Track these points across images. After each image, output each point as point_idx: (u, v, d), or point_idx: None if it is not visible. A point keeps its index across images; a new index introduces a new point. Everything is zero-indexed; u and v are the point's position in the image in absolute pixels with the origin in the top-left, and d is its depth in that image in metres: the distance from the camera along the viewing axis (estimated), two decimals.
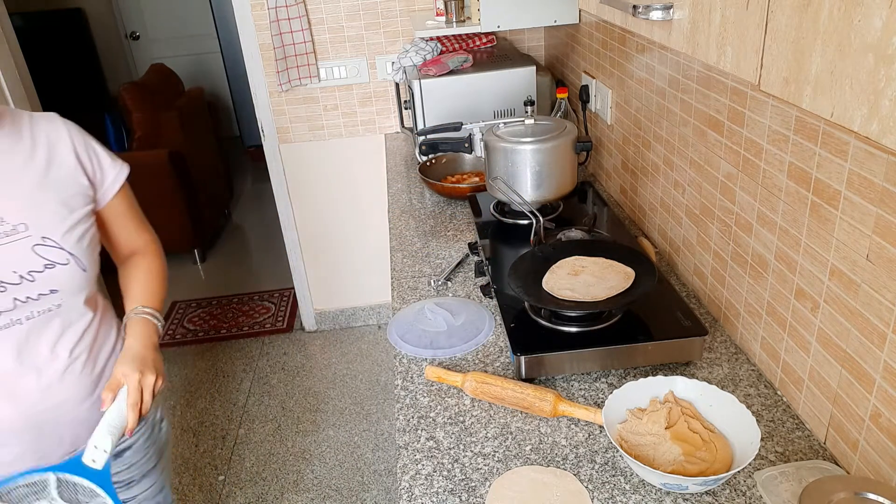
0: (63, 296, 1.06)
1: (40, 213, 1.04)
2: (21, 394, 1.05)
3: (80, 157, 1.11)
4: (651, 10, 0.82)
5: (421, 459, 1.05)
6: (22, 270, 1.01)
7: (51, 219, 1.04)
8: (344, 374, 2.90)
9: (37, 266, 1.02)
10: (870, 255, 0.87)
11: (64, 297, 1.06)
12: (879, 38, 0.45)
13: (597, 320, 1.22)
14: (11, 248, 1.00)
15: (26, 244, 1.02)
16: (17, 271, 1.01)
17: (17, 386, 1.05)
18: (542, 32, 2.74)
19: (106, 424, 1.00)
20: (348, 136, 2.81)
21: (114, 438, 0.99)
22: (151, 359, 1.10)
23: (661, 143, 1.53)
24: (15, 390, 1.05)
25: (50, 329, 1.07)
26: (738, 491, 0.95)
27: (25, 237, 1.02)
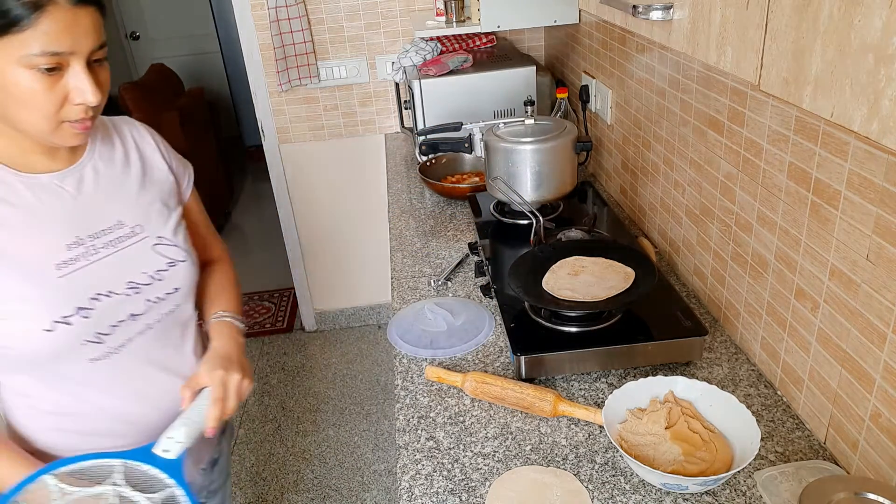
0: (181, 294, 1.07)
1: (149, 214, 1.05)
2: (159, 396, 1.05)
3: (165, 156, 1.13)
4: (651, 10, 0.82)
5: (421, 459, 1.05)
6: (150, 270, 1.02)
7: (158, 219, 1.06)
8: (344, 374, 2.90)
9: (161, 265, 1.04)
10: (870, 255, 0.87)
11: (182, 295, 1.07)
12: (879, 38, 0.45)
13: (597, 320, 1.22)
14: (136, 250, 1.02)
15: (147, 244, 1.03)
16: (146, 272, 1.02)
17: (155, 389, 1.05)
18: (542, 32, 2.74)
19: (183, 418, 0.97)
20: (348, 136, 2.81)
21: (189, 431, 0.96)
22: (237, 359, 1.07)
23: (661, 143, 1.53)
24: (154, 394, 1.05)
25: (174, 330, 1.08)
26: (738, 491, 0.95)
27: (144, 238, 1.03)
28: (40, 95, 0.83)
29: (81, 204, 0.98)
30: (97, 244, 0.97)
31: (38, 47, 0.80)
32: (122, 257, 0.99)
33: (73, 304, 0.93)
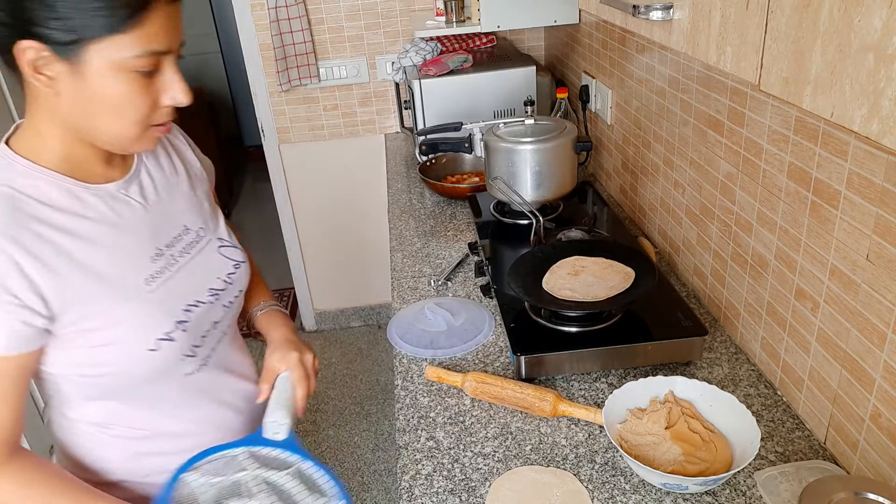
0: (243, 296, 1.05)
1: (204, 216, 1.01)
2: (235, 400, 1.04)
3: (197, 154, 1.09)
4: (651, 10, 0.82)
5: (421, 459, 1.05)
6: (223, 275, 0.99)
7: (212, 220, 1.03)
8: (344, 374, 2.90)
9: (230, 268, 1.01)
10: (870, 255, 0.87)
11: (243, 297, 1.05)
12: (879, 38, 0.45)
13: (597, 320, 1.22)
14: (206, 255, 0.98)
15: (213, 248, 0.99)
16: (220, 276, 0.98)
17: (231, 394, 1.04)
18: (542, 32, 2.74)
19: (275, 402, 0.98)
20: (348, 136, 2.81)
21: (287, 412, 0.97)
22: (299, 340, 1.09)
23: (661, 143, 1.53)
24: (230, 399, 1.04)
25: (237, 334, 1.08)
26: (738, 491, 0.95)
27: (209, 241, 0.99)
28: (137, 99, 0.78)
29: (151, 213, 0.92)
30: (174, 253, 0.93)
31: (141, 48, 0.75)
32: (198, 264, 0.96)
33: (172, 319, 0.89)
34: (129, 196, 0.91)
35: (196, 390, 0.97)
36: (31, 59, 0.74)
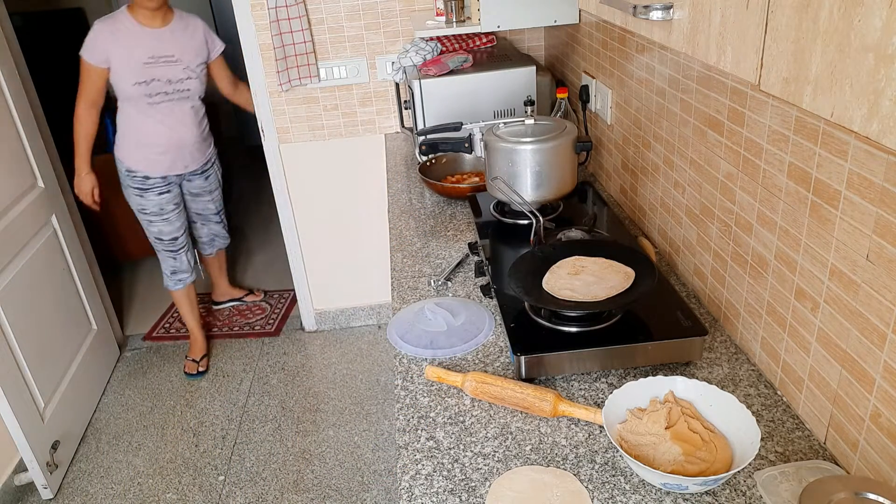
0: (191, 92, 2.59)
1: (188, 55, 2.54)
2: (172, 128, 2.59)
3: (205, 36, 2.63)
4: (651, 10, 0.82)
5: (421, 459, 1.05)
6: (179, 76, 2.53)
7: (191, 58, 2.56)
8: (344, 374, 2.90)
9: (183, 76, 2.53)
10: (870, 255, 0.87)
11: (191, 92, 2.59)
12: (879, 38, 0.45)
13: (597, 320, 1.22)
14: (175, 67, 2.52)
15: (180, 66, 2.52)
16: (177, 76, 2.52)
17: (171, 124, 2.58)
18: (542, 32, 2.74)
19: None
20: (348, 136, 2.81)
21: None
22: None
23: (661, 143, 1.54)
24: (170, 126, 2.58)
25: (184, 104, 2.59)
26: (738, 491, 0.95)
27: (180, 63, 2.53)
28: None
29: (160, 43, 2.47)
30: (160, 60, 2.47)
31: None
32: (169, 67, 2.49)
33: (143, 79, 2.45)
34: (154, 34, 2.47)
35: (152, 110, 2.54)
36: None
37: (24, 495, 2.38)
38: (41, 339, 2.45)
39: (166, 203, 2.70)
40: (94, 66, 2.42)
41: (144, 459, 2.52)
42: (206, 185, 2.85)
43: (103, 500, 2.36)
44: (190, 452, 2.54)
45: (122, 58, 2.41)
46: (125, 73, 2.42)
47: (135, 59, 2.41)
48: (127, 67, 2.42)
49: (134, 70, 2.42)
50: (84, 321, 2.83)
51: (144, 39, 2.43)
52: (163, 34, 2.46)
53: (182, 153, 2.63)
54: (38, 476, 2.31)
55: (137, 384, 2.96)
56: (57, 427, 2.46)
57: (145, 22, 2.43)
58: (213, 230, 3.05)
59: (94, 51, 2.39)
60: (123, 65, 2.42)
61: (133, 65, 2.42)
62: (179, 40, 2.49)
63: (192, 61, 2.53)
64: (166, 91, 2.48)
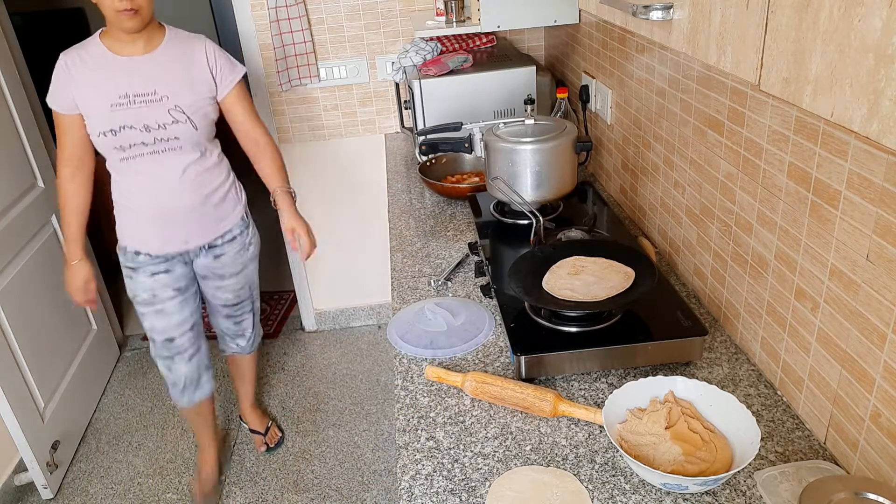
0: (182, 143, 1.77)
1: (177, 91, 1.75)
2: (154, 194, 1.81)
3: (210, 63, 1.81)
4: (651, 10, 0.82)
5: (421, 459, 1.05)
6: (160, 121, 1.73)
7: (182, 95, 1.75)
8: (344, 374, 2.90)
9: (168, 120, 1.73)
10: (870, 255, 0.87)
11: (182, 143, 1.77)
12: (879, 38, 0.45)
13: (597, 320, 1.22)
14: (157, 108, 1.73)
15: (164, 107, 1.73)
16: (157, 121, 1.73)
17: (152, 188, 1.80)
18: (542, 32, 2.73)
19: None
20: (348, 136, 2.81)
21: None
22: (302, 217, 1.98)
23: (661, 143, 1.53)
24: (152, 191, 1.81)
25: (175, 160, 1.79)
26: (738, 491, 0.95)
27: (166, 103, 1.73)
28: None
29: (136, 77, 1.72)
30: (136, 99, 1.71)
31: None
32: (145, 110, 1.72)
33: (109, 127, 1.71)
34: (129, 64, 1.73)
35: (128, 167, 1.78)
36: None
37: (24, 495, 2.38)
38: (41, 339, 2.45)
39: (160, 288, 1.92)
40: (62, 114, 1.74)
41: (144, 459, 2.52)
42: (215, 265, 1.98)
43: (103, 500, 2.36)
44: (190, 452, 2.53)
45: (85, 99, 1.71)
46: (90, 120, 1.72)
47: (100, 99, 1.70)
48: (93, 112, 1.71)
49: (99, 116, 1.71)
50: (84, 321, 2.84)
51: (114, 72, 1.71)
52: (142, 64, 1.73)
53: (174, 226, 1.86)
54: (38, 476, 2.31)
55: (137, 384, 2.96)
56: (57, 427, 2.46)
57: (119, 49, 1.72)
58: (227, 328, 2.21)
59: (57, 93, 1.72)
60: (89, 109, 1.72)
61: (98, 108, 1.70)
62: (165, 70, 1.74)
63: (184, 98, 1.74)
64: (144, 142, 1.73)
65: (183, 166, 1.79)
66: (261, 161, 1.96)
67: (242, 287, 2.10)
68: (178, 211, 1.83)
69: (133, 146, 1.73)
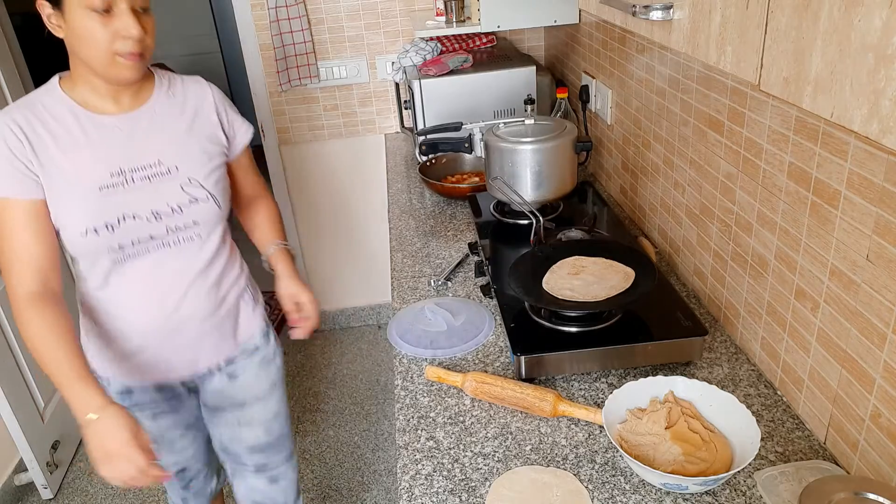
0: (201, 228, 1.28)
1: (187, 158, 1.25)
2: (157, 304, 1.28)
3: (220, 115, 1.34)
4: (651, 10, 0.82)
5: (421, 459, 1.05)
6: (173, 203, 1.23)
7: (194, 163, 1.26)
8: (344, 374, 2.90)
9: (184, 200, 1.24)
10: (870, 255, 0.87)
11: (201, 229, 1.28)
12: (879, 38, 0.45)
13: (597, 320, 1.22)
14: (166, 186, 1.22)
15: (176, 182, 1.23)
16: (169, 204, 1.22)
17: (155, 297, 1.27)
18: (542, 32, 2.74)
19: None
20: (348, 136, 2.81)
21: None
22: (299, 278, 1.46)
23: (661, 143, 1.53)
24: (153, 301, 1.27)
25: (187, 256, 1.28)
26: (738, 491, 0.95)
27: (176, 177, 1.23)
28: (97, 32, 1.08)
29: (131, 143, 1.21)
30: (135, 176, 1.20)
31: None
32: (152, 189, 1.21)
33: (102, 220, 1.17)
34: (120, 127, 1.20)
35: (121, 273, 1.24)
36: (47, 14, 1.10)
37: (24, 495, 2.38)
38: None
39: (167, 429, 1.45)
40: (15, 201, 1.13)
41: None
42: (232, 389, 1.44)
43: (103, 500, 2.36)
44: None
45: (59, 183, 1.15)
46: (69, 213, 1.16)
47: (83, 182, 1.16)
48: (74, 202, 1.16)
49: (83, 205, 1.16)
50: None
51: (99, 140, 1.18)
52: (134, 124, 1.21)
53: (180, 344, 1.33)
54: (38, 476, 2.31)
55: None
56: (57, 427, 2.46)
57: (97, 106, 1.19)
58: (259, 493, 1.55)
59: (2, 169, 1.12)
60: (65, 198, 1.16)
61: (81, 195, 1.16)
62: (166, 131, 1.24)
63: (198, 167, 1.26)
64: (152, 234, 1.22)
65: (199, 260, 1.29)
66: (256, 214, 1.49)
67: (276, 416, 1.51)
68: (188, 323, 1.30)
69: (136, 243, 1.21)
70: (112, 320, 1.28)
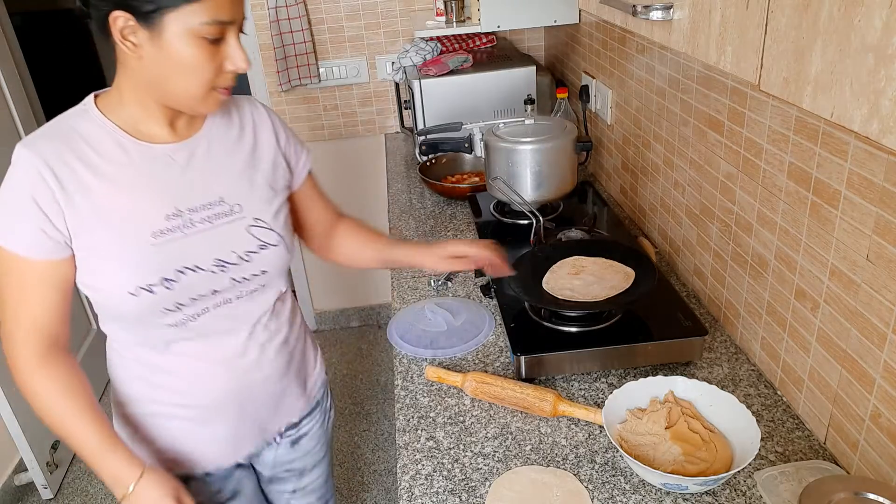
0: (269, 277, 1.08)
1: (251, 194, 1.04)
2: (223, 369, 1.06)
3: (280, 140, 1.12)
4: (651, 10, 0.82)
5: (421, 459, 1.05)
6: (239, 251, 1.02)
7: (260, 200, 1.05)
8: (344, 374, 2.90)
9: (252, 247, 1.03)
10: (870, 255, 0.87)
11: (270, 278, 1.08)
12: (879, 38, 0.45)
13: (597, 320, 1.22)
14: (230, 229, 1.01)
15: (242, 224, 1.02)
16: (235, 251, 1.01)
17: (219, 362, 1.06)
18: (542, 32, 2.74)
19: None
20: (348, 136, 2.81)
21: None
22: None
23: (661, 143, 1.53)
24: (217, 367, 1.06)
25: (253, 308, 1.08)
26: (738, 491, 0.95)
27: (241, 218, 1.02)
28: (204, 63, 0.89)
29: (188, 177, 0.99)
30: (195, 218, 0.98)
31: (209, 16, 0.86)
32: (215, 234, 1.00)
33: (160, 275, 0.95)
34: (174, 158, 0.98)
35: (176, 344, 1.03)
36: (121, 27, 0.86)
37: (24, 495, 2.38)
38: None
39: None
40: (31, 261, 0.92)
41: None
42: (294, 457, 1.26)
43: (103, 500, 2.36)
44: None
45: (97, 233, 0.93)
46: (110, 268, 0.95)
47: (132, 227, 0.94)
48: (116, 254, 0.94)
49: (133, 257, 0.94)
50: (84, 321, 2.83)
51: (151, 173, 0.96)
52: (191, 152, 1.00)
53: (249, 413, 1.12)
54: (38, 476, 2.31)
55: None
56: None
57: (148, 133, 0.97)
58: None
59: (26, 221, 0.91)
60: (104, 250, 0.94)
61: (129, 243, 0.94)
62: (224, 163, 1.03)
63: (263, 205, 1.05)
64: (215, 289, 1.01)
65: (266, 313, 1.10)
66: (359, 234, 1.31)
67: (326, 481, 1.37)
68: (259, 387, 1.10)
69: (196, 299, 0.99)
70: (163, 395, 1.05)
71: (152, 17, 0.85)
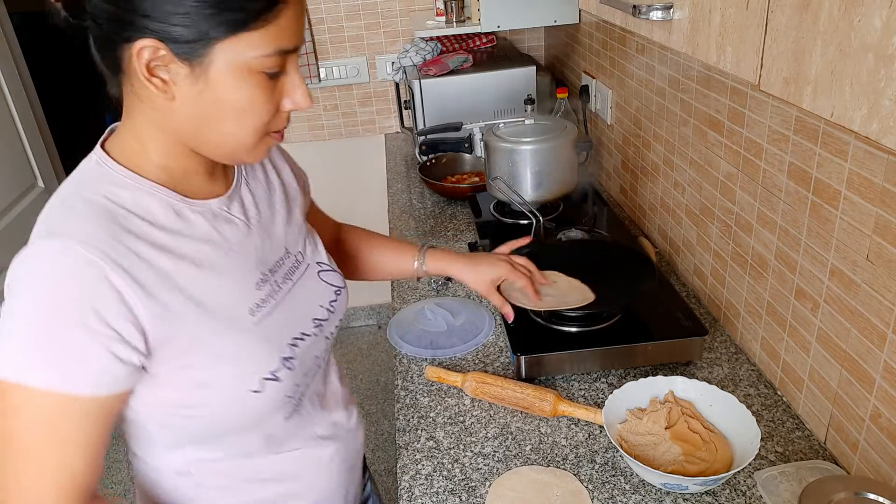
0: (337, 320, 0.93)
1: (301, 238, 0.90)
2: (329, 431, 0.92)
3: (295, 170, 0.99)
4: (651, 10, 0.82)
5: (421, 459, 1.05)
6: (325, 303, 0.88)
7: (310, 242, 0.92)
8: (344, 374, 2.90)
9: (331, 295, 0.89)
10: (870, 255, 0.87)
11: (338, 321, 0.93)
12: (879, 38, 0.45)
13: (597, 320, 1.22)
14: (309, 282, 0.87)
15: (312, 273, 0.88)
16: (323, 305, 0.88)
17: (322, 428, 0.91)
18: (542, 32, 2.73)
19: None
20: (348, 136, 2.81)
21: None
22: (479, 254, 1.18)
23: (661, 143, 1.53)
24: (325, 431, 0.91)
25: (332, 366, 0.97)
26: (738, 491, 0.95)
27: (308, 266, 0.88)
28: (261, 104, 0.69)
29: (254, 233, 0.81)
30: (278, 279, 0.82)
31: (271, 46, 0.66)
32: (300, 292, 0.85)
33: (278, 356, 0.78)
34: (232, 214, 0.80)
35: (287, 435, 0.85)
36: (147, 59, 0.64)
37: None
38: None
39: None
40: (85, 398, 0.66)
41: None
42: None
43: None
44: None
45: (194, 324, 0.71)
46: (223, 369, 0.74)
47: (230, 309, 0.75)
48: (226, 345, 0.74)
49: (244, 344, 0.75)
50: None
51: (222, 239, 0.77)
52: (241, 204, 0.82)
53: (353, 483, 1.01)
54: None
55: None
56: None
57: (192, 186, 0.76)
58: None
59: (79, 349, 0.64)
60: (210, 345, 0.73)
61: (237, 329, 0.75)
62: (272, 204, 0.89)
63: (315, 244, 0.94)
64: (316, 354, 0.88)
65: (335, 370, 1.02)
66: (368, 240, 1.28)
67: None
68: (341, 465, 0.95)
69: (306, 374, 0.85)
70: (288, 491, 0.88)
71: (195, 48, 0.64)
